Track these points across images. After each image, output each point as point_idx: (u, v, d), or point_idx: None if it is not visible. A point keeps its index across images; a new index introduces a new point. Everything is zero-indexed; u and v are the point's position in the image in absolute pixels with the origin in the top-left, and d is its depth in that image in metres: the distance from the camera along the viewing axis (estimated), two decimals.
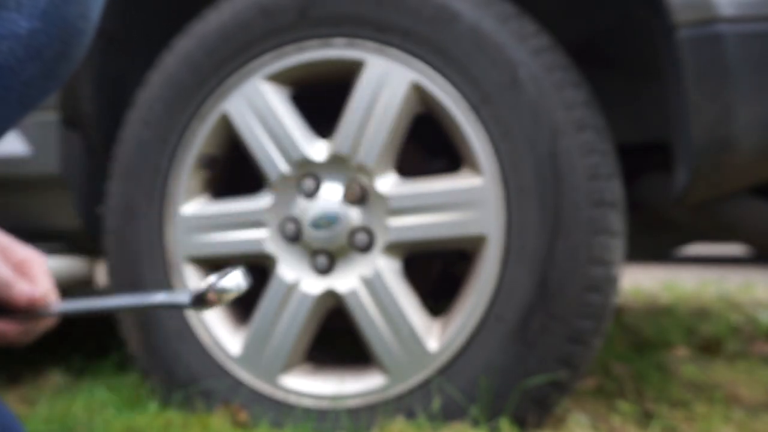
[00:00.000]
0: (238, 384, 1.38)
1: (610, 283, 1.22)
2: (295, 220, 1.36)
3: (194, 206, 1.43)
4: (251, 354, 1.38)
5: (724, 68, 1.16)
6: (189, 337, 1.41)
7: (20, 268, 0.93)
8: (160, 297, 0.89)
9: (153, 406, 1.41)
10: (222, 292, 0.80)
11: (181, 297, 0.84)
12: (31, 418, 1.39)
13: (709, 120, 1.18)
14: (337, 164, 1.33)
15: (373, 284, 1.31)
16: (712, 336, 2.10)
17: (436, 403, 1.27)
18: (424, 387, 1.29)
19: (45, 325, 0.93)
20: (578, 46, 1.40)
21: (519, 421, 1.25)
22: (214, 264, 1.46)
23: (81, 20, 0.69)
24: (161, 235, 1.43)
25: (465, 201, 1.27)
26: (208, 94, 1.39)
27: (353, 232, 1.33)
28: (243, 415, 1.36)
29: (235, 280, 0.80)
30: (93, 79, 1.56)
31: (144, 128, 1.43)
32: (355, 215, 1.33)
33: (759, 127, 1.21)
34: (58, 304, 0.91)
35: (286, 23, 1.35)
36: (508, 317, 1.24)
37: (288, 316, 1.35)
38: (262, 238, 1.38)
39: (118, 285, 1.46)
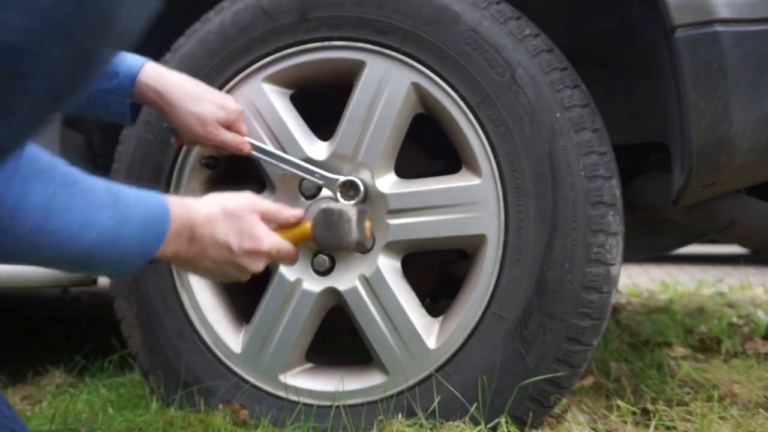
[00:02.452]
0: (239, 383, 1.39)
1: (608, 282, 1.23)
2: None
3: None
4: (252, 353, 1.39)
5: (722, 69, 1.17)
6: (190, 336, 1.42)
7: None
8: None
9: (154, 405, 1.42)
10: None
11: None
12: (33, 418, 1.40)
13: (707, 120, 1.19)
14: (337, 164, 1.34)
15: (373, 283, 1.32)
16: (709, 335, 2.11)
17: (436, 402, 1.28)
18: (424, 385, 1.30)
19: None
20: (576, 47, 1.41)
21: (518, 419, 1.26)
22: None
23: None
24: None
25: (464, 201, 1.28)
26: None
27: None
28: (244, 414, 1.36)
29: None
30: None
31: (145, 129, 1.44)
32: None
33: (756, 127, 1.21)
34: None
35: (287, 25, 1.36)
36: (507, 316, 1.25)
37: (289, 315, 1.36)
38: None
39: (119, 285, 1.47)
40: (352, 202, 1.32)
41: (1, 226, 0.79)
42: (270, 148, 1.33)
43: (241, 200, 1.09)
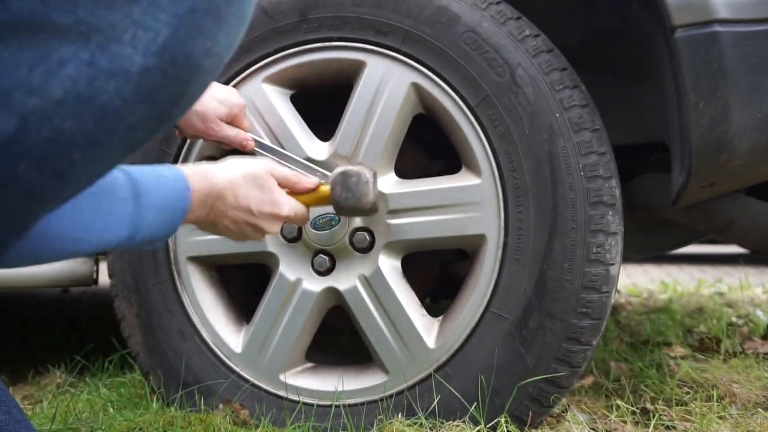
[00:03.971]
0: (239, 382, 1.39)
1: (608, 282, 1.23)
2: None
3: None
4: (252, 352, 1.39)
5: (722, 69, 1.17)
6: (190, 335, 1.42)
7: None
8: None
9: (155, 404, 1.42)
10: None
11: None
12: (34, 417, 1.40)
13: (707, 120, 1.19)
14: (337, 164, 1.34)
15: (373, 283, 1.32)
16: (709, 335, 2.11)
17: (435, 402, 1.28)
18: (424, 385, 1.30)
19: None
20: (576, 48, 1.41)
21: (518, 419, 1.26)
22: (215, 263, 1.47)
23: (206, 57, 0.58)
24: None
25: (464, 201, 1.28)
26: None
27: (353, 232, 1.34)
28: (244, 414, 1.37)
29: None
30: None
31: None
32: None
33: (756, 127, 1.21)
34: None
35: (287, 25, 1.36)
36: (506, 316, 1.25)
37: (290, 315, 1.36)
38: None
39: (120, 285, 1.47)
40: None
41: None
42: (272, 144, 1.33)
43: (261, 164, 1.13)
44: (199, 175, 1.05)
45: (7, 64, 0.52)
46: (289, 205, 1.14)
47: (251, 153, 1.32)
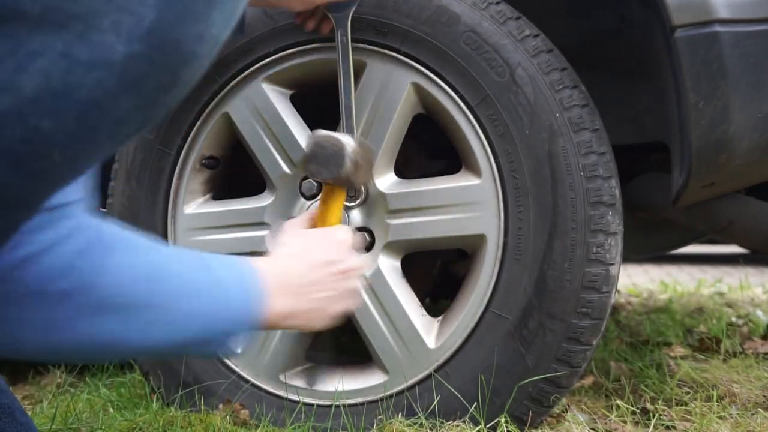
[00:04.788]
0: (239, 382, 1.39)
1: (608, 282, 1.23)
2: None
3: (197, 206, 1.44)
4: (252, 352, 1.39)
5: (722, 69, 1.17)
6: None
7: None
8: None
9: (155, 404, 1.42)
10: None
11: None
12: (34, 417, 1.40)
13: (707, 120, 1.19)
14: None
15: (373, 283, 1.32)
16: (709, 335, 2.11)
17: (435, 402, 1.28)
18: (424, 385, 1.30)
19: None
20: (576, 48, 1.41)
21: (517, 419, 1.26)
22: None
23: (198, 42, 0.53)
24: (164, 234, 1.43)
25: (464, 201, 1.28)
26: (210, 95, 1.40)
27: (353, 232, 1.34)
28: (244, 414, 1.37)
29: None
30: None
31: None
32: (355, 215, 1.34)
33: (756, 127, 1.21)
34: None
35: (287, 25, 1.36)
36: (506, 316, 1.25)
37: None
38: (264, 236, 1.39)
39: None
40: (354, 203, 1.33)
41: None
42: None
43: (285, 227, 1.03)
44: (263, 266, 0.89)
45: None
46: (336, 229, 1.04)
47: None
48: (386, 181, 1.33)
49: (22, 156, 0.51)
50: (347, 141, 1.08)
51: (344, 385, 1.35)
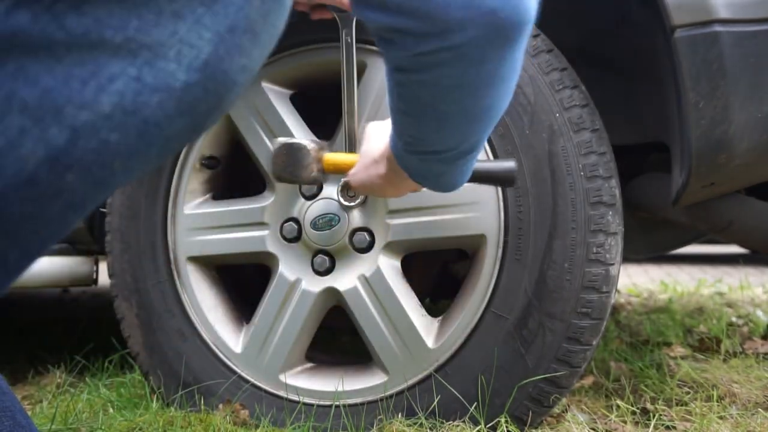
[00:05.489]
0: (239, 382, 1.39)
1: (608, 282, 1.23)
2: (296, 221, 1.37)
3: (197, 206, 1.44)
4: (252, 352, 1.39)
5: (722, 69, 1.17)
6: (190, 335, 1.42)
7: None
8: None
9: (154, 404, 1.42)
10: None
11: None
12: (34, 417, 1.40)
13: (707, 120, 1.19)
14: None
15: (373, 283, 1.32)
16: (709, 335, 2.11)
17: (435, 402, 1.28)
18: (424, 385, 1.30)
19: None
20: (576, 48, 1.41)
21: (517, 419, 1.26)
22: (215, 263, 1.47)
23: (241, 73, 0.62)
24: (164, 234, 1.43)
25: (464, 201, 1.28)
26: None
27: (353, 232, 1.34)
28: (244, 414, 1.37)
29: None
30: None
31: None
32: (355, 215, 1.34)
33: (756, 127, 1.21)
34: None
35: (287, 25, 1.35)
36: (507, 316, 1.25)
37: (289, 315, 1.36)
38: (263, 236, 1.39)
39: (120, 285, 1.47)
40: (354, 203, 1.33)
41: None
42: None
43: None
44: None
45: (61, 80, 0.54)
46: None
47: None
48: None
49: (91, 164, 0.58)
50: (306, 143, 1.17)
51: (344, 385, 1.35)
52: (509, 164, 1.11)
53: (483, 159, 1.22)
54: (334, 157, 1.18)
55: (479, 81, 0.73)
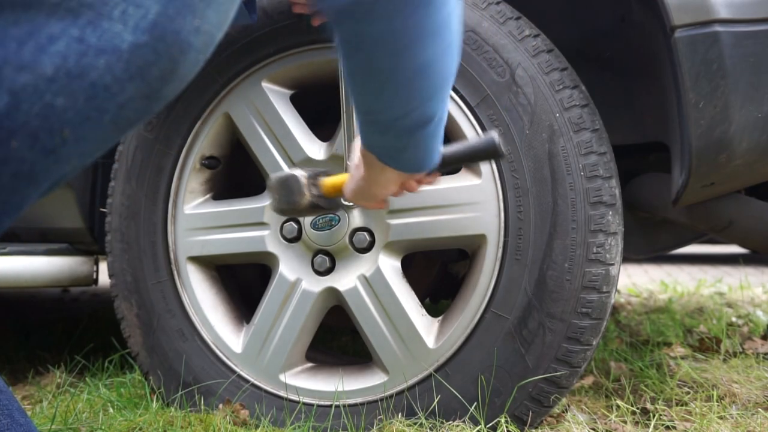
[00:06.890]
0: (239, 382, 1.39)
1: (608, 282, 1.23)
2: (296, 221, 1.37)
3: (197, 206, 1.44)
4: (253, 352, 1.39)
5: (722, 69, 1.17)
6: (190, 335, 1.42)
7: None
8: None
9: (154, 404, 1.42)
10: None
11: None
12: (34, 417, 1.40)
13: (707, 120, 1.19)
14: (337, 164, 1.34)
15: (373, 283, 1.32)
16: (709, 335, 2.11)
17: (435, 402, 1.28)
18: (424, 385, 1.30)
19: None
20: (576, 48, 1.41)
21: (518, 419, 1.26)
22: (215, 263, 1.47)
23: (195, 35, 0.59)
24: (164, 234, 1.44)
25: (464, 201, 1.28)
26: (210, 95, 1.40)
27: (353, 233, 1.34)
28: (244, 414, 1.37)
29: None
30: None
31: (146, 128, 1.44)
32: (355, 215, 1.34)
33: (756, 127, 1.21)
34: None
35: (288, 26, 1.36)
36: (507, 316, 1.25)
37: (290, 315, 1.36)
38: (264, 236, 1.39)
39: (120, 285, 1.47)
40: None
41: None
42: None
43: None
44: None
45: None
46: None
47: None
48: None
49: (37, 130, 0.56)
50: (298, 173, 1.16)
51: (344, 385, 1.35)
52: (490, 135, 1.07)
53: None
54: (332, 180, 1.16)
55: (404, 35, 0.70)
